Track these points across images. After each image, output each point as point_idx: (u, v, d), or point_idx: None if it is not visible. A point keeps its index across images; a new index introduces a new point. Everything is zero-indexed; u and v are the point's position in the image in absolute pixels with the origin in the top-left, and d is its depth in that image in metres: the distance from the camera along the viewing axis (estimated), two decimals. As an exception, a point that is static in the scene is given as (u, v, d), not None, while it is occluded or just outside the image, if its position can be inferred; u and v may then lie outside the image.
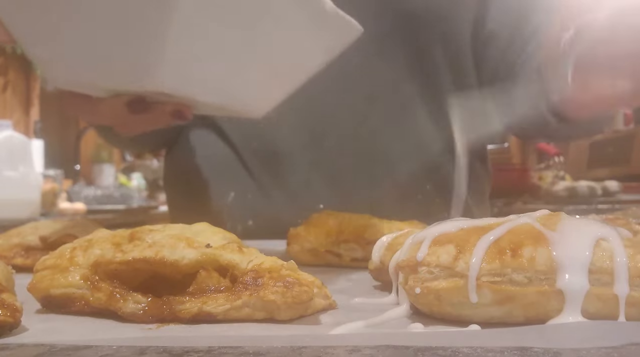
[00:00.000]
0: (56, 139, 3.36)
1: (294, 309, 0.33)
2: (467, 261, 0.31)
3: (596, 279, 0.30)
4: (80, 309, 0.36)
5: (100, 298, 0.35)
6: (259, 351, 0.26)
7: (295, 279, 0.33)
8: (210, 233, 0.39)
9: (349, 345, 0.27)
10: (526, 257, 0.30)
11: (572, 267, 0.30)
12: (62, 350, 0.27)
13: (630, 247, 0.30)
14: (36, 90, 3.23)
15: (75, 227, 0.57)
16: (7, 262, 0.45)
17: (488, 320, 0.31)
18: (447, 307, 0.32)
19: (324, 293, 0.35)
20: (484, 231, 0.32)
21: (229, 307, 0.33)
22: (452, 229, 0.33)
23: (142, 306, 0.34)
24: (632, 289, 0.29)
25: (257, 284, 0.33)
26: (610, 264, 0.30)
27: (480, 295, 0.30)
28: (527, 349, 0.25)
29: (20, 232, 0.56)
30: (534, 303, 0.30)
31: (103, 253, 0.36)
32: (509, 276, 0.30)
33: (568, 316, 0.30)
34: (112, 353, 0.27)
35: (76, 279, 0.36)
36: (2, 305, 0.30)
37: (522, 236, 0.31)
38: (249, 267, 0.34)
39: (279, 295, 0.33)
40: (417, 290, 0.32)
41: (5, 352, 0.28)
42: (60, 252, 0.38)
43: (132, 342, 0.28)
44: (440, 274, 0.31)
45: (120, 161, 3.68)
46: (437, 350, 0.26)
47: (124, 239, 0.37)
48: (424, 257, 0.32)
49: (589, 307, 0.30)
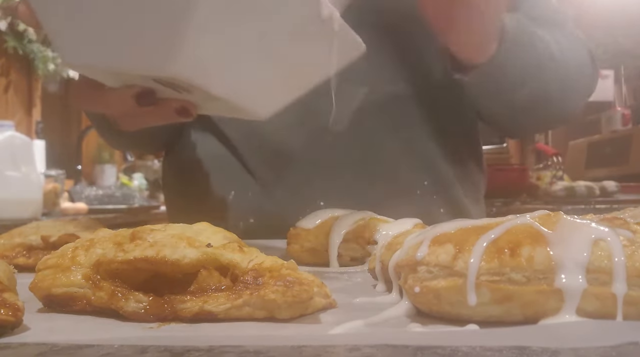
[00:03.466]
0: (58, 139, 3.37)
1: (294, 308, 0.33)
2: (466, 260, 0.31)
3: (594, 278, 0.30)
4: (81, 308, 0.36)
5: (102, 297, 0.35)
6: (259, 350, 0.26)
7: (296, 278, 0.34)
8: (211, 233, 0.39)
9: (349, 344, 0.27)
10: (525, 256, 0.30)
11: (571, 266, 0.30)
12: (63, 349, 0.28)
13: (628, 246, 0.30)
14: (38, 91, 3.23)
15: (77, 226, 0.57)
16: (9, 262, 0.45)
17: (487, 319, 0.31)
18: (446, 306, 0.32)
19: (324, 292, 0.35)
20: (482, 230, 0.32)
21: (230, 307, 0.33)
22: (452, 229, 0.34)
23: (143, 305, 0.34)
24: (630, 288, 0.30)
25: (257, 284, 0.34)
26: (608, 263, 0.30)
27: (479, 294, 0.31)
28: (525, 348, 0.26)
29: (22, 232, 0.56)
30: (533, 302, 0.30)
31: (105, 253, 0.36)
32: (507, 275, 0.30)
33: (566, 315, 0.30)
34: (113, 352, 0.27)
35: (78, 278, 0.36)
36: (4, 304, 0.30)
37: (520, 235, 0.31)
38: (250, 267, 0.35)
39: (279, 294, 0.33)
40: (417, 289, 0.32)
41: (7, 351, 0.28)
42: (62, 252, 0.38)
43: (133, 341, 0.28)
44: (439, 273, 0.32)
45: (122, 161, 3.68)
46: (436, 349, 0.26)
47: (126, 239, 0.37)
48: (423, 256, 0.32)
49: (587, 306, 0.30)
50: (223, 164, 0.83)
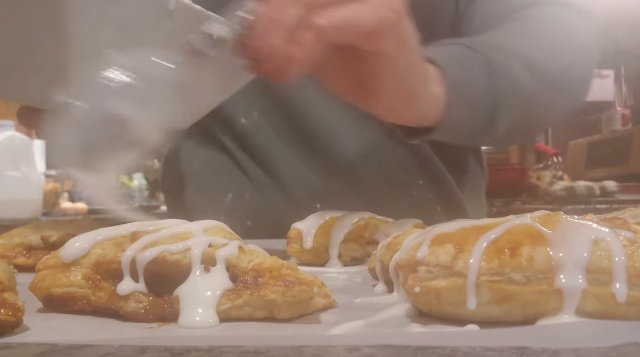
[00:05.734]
0: (57, 139, 3.36)
1: (294, 308, 0.33)
2: (466, 260, 0.31)
3: (594, 278, 0.30)
4: (81, 308, 0.36)
5: (102, 297, 0.35)
6: (259, 350, 0.26)
7: (296, 278, 0.34)
8: (211, 232, 0.39)
9: (349, 344, 0.27)
10: (525, 256, 0.30)
11: (571, 266, 0.30)
12: (63, 349, 0.28)
13: (629, 246, 0.30)
14: (37, 91, 3.22)
15: (77, 226, 0.57)
16: (9, 262, 0.45)
17: (487, 319, 0.31)
18: (446, 306, 0.32)
19: (324, 292, 0.35)
20: (483, 230, 0.32)
21: (230, 306, 0.33)
22: (452, 229, 0.34)
23: (143, 305, 0.34)
24: (630, 288, 0.30)
25: (257, 283, 0.34)
26: (608, 263, 0.30)
27: (479, 294, 0.31)
28: (525, 349, 0.26)
29: (22, 232, 0.56)
30: (533, 302, 0.30)
31: (104, 252, 0.36)
32: (507, 275, 0.30)
33: (566, 315, 0.30)
34: (113, 352, 0.27)
35: (78, 278, 0.36)
36: (4, 304, 0.30)
37: (520, 235, 0.31)
38: (250, 267, 0.35)
39: (279, 294, 0.33)
40: (417, 289, 0.32)
41: (7, 351, 0.28)
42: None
43: (133, 341, 0.28)
44: (439, 273, 0.32)
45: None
46: (437, 349, 0.26)
47: (126, 239, 0.37)
48: (423, 256, 0.32)
49: (587, 306, 0.30)
50: (220, 167, 0.84)
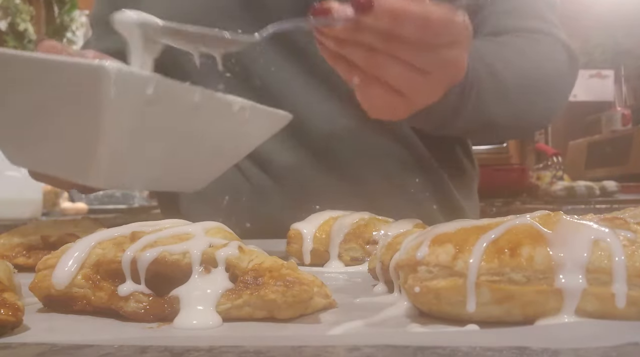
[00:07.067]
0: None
1: (294, 308, 0.33)
2: (466, 260, 0.31)
3: (594, 278, 0.30)
4: (81, 308, 0.36)
5: (102, 297, 0.35)
6: (259, 350, 0.26)
7: (296, 278, 0.34)
8: (211, 233, 0.39)
9: (349, 344, 0.27)
10: (525, 256, 0.30)
11: (571, 266, 0.30)
12: (63, 349, 0.28)
13: (628, 246, 0.30)
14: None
15: (77, 226, 0.57)
16: (9, 262, 0.45)
17: (487, 319, 0.31)
18: (446, 306, 0.32)
19: (324, 292, 0.35)
20: (483, 230, 0.32)
21: (230, 306, 0.33)
22: (452, 229, 0.34)
23: (143, 305, 0.34)
24: (630, 288, 0.30)
25: (257, 283, 0.34)
26: (608, 263, 0.30)
27: (479, 294, 0.31)
28: (525, 349, 0.26)
29: (22, 232, 0.56)
30: (533, 302, 0.30)
31: (105, 252, 0.36)
32: (507, 275, 0.30)
33: (566, 315, 0.30)
34: (113, 352, 0.27)
35: (78, 278, 0.36)
36: (4, 304, 0.30)
37: (520, 235, 0.31)
38: (250, 267, 0.35)
39: (279, 294, 0.33)
40: (417, 289, 0.32)
41: (7, 351, 0.28)
42: (62, 252, 0.38)
43: (133, 341, 0.28)
44: (439, 273, 0.32)
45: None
46: (436, 349, 0.26)
47: (126, 239, 0.37)
48: (423, 256, 0.32)
49: (587, 306, 0.30)
50: None
